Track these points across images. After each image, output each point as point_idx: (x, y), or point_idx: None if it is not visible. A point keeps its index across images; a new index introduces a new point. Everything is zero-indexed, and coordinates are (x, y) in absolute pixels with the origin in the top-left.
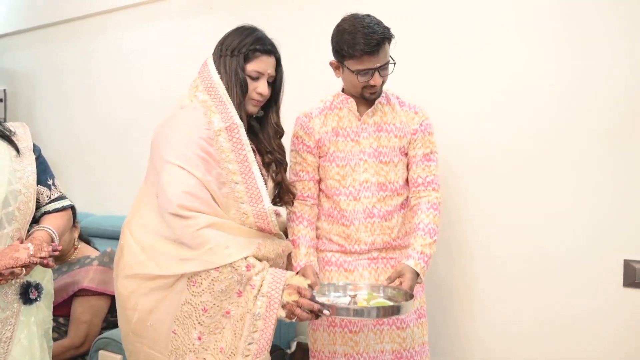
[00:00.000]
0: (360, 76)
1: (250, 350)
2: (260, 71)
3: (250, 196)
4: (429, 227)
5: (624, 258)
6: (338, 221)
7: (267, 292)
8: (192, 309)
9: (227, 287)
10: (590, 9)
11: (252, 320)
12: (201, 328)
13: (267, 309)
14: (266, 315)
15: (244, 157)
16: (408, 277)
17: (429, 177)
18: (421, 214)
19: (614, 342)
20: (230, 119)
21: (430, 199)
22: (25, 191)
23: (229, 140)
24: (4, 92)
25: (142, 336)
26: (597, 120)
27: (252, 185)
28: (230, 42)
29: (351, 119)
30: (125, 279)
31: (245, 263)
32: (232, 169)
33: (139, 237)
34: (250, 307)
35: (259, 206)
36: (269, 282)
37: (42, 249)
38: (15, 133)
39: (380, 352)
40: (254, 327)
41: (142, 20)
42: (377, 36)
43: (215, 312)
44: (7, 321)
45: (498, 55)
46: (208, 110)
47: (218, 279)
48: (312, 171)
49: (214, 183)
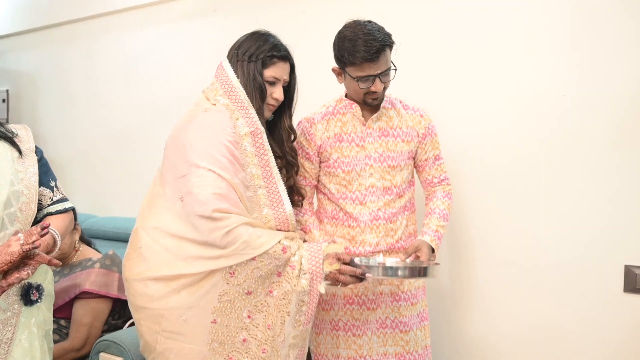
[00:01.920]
0: (361, 83)
1: (300, 321)
2: (277, 77)
3: (271, 200)
4: (444, 212)
5: (625, 263)
6: (343, 223)
7: (308, 269)
8: (235, 295)
9: (267, 272)
10: (600, 17)
11: (299, 297)
12: (249, 307)
13: (311, 284)
14: (311, 290)
15: (267, 162)
16: (425, 252)
17: (442, 175)
18: (437, 201)
19: (615, 347)
20: (254, 124)
21: (446, 189)
22: (27, 192)
23: (252, 144)
24: (6, 92)
25: (177, 332)
26: (601, 127)
27: (273, 189)
28: (247, 48)
29: (355, 124)
30: (149, 281)
31: (280, 247)
32: (256, 173)
33: (157, 238)
34: (294, 285)
35: (280, 210)
36: (307, 258)
37: (32, 233)
38: (17, 134)
39: (383, 355)
40: (301, 302)
41: (146, 22)
42: (377, 43)
43: (259, 292)
44: (8, 322)
45: (505, 61)
46: (233, 114)
47: (257, 267)
48: (309, 177)
49: (240, 186)
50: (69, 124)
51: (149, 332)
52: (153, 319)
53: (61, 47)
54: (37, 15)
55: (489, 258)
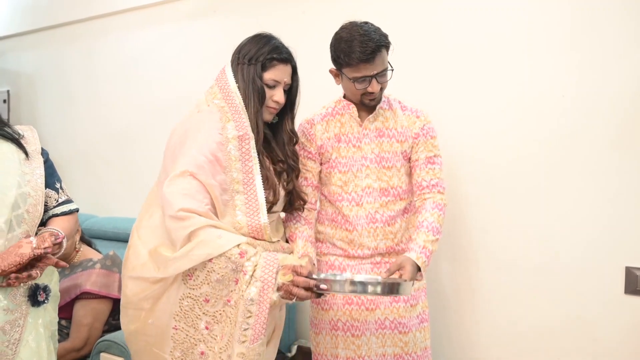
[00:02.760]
0: (357, 84)
1: (247, 335)
2: (277, 80)
3: (248, 207)
4: (433, 225)
5: (626, 265)
6: (341, 226)
7: (260, 277)
8: (193, 301)
9: (224, 276)
10: (600, 17)
11: (245, 306)
12: (207, 318)
13: (261, 293)
14: (260, 300)
15: (250, 169)
16: (408, 270)
17: (433, 180)
18: (425, 213)
19: (616, 349)
20: (243, 129)
21: (436, 199)
22: (34, 194)
23: (238, 149)
24: (7, 93)
25: (146, 334)
26: (601, 128)
27: (252, 197)
28: (248, 51)
29: (352, 124)
30: (130, 280)
31: (238, 250)
32: (236, 178)
33: (146, 239)
34: (243, 292)
35: (255, 219)
36: (262, 266)
37: (45, 240)
38: (23, 136)
39: (382, 356)
40: (248, 312)
41: (146, 23)
42: (372, 44)
43: (216, 301)
44: (16, 323)
45: (504, 62)
46: (224, 116)
47: (213, 270)
48: (311, 177)
49: (217, 188)
50: (69, 124)
51: (127, 330)
52: (130, 318)
53: (61, 48)
54: (37, 15)
55: (489, 259)
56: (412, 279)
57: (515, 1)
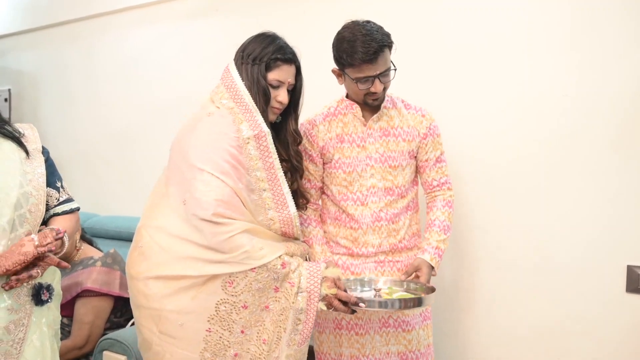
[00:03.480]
0: (360, 84)
1: (295, 340)
2: (281, 80)
3: (276, 202)
4: (444, 224)
5: (627, 264)
6: (346, 225)
7: (306, 288)
8: (231, 307)
9: (265, 285)
10: (600, 17)
11: (295, 315)
12: (243, 322)
13: (308, 303)
14: (308, 309)
15: (271, 165)
16: (425, 272)
17: (442, 178)
18: (437, 211)
19: (617, 347)
20: (257, 127)
21: (446, 196)
22: (35, 193)
23: (257, 148)
24: (8, 91)
25: (173, 336)
26: (601, 128)
27: (278, 191)
28: (252, 50)
29: (356, 124)
30: (150, 280)
31: (280, 262)
32: (260, 177)
33: (159, 239)
34: (292, 302)
35: (284, 212)
36: (306, 277)
37: (46, 236)
38: (24, 135)
39: (386, 354)
40: (297, 320)
41: (147, 22)
42: (375, 44)
43: (255, 307)
44: (20, 322)
45: (504, 62)
46: (236, 118)
47: (255, 279)
48: (313, 179)
49: (244, 191)
50: (70, 123)
51: (146, 331)
52: (151, 319)
53: (62, 46)
54: (37, 14)
55: (490, 259)
56: (428, 280)
57: (515, 1)
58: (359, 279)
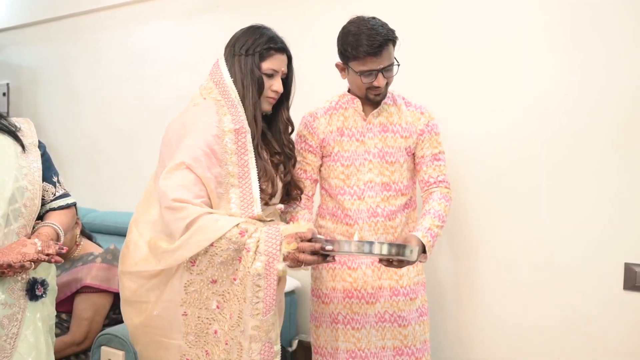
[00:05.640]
0: (363, 77)
1: (259, 309)
2: (275, 69)
3: (243, 201)
4: (439, 213)
5: (625, 261)
6: (342, 220)
7: (264, 250)
8: (200, 285)
9: (227, 258)
10: (600, 17)
11: (253, 281)
12: (217, 298)
13: (267, 267)
14: (266, 273)
15: (245, 162)
16: (414, 244)
17: (440, 177)
18: (432, 202)
19: (615, 345)
20: (240, 122)
21: (443, 191)
22: (31, 188)
23: (234, 142)
24: (7, 86)
25: (152, 326)
26: (602, 127)
27: (247, 191)
28: (244, 42)
29: (356, 119)
30: (130, 275)
31: (238, 230)
32: (232, 172)
33: (145, 234)
34: (249, 268)
35: (249, 212)
36: (264, 240)
37: (50, 246)
38: (20, 129)
39: (381, 349)
40: (256, 287)
41: (151, 16)
42: (380, 37)
43: (223, 280)
44: (14, 317)
45: (505, 61)
46: (220, 109)
47: (216, 253)
48: (310, 170)
49: (212, 181)
50: (70, 118)
51: (132, 325)
52: (134, 313)
53: (63, 41)
54: (39, 8)
55: (490, 257)
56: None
57: (516, 1)
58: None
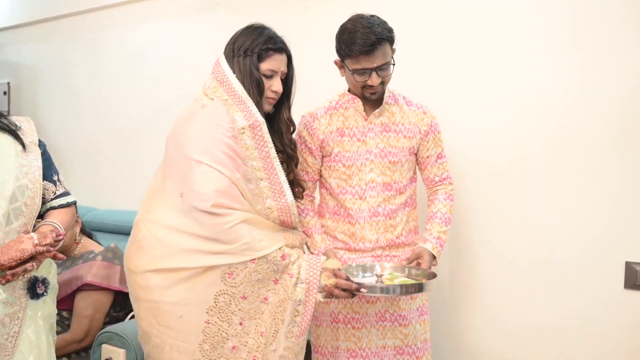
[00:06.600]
0: (357, 75)
1: (293, 332)
2: (274, 69)
3: (273, 191)
4: (446, 216)
5: (626, 260)
6: (344, 219)
7: (305, 279)
8: (230, 298)
9: (264, 277)
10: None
11: (293, 306)
12: (242, 314)
13: (307, 294)
14: (306, 300)
15: (267, 154)
16: (426, 259)
17: (444, 174)
18: (438, 204)
19: (615, 344)
20: (252, 117)
21: (447, 190)
22: (31, 186)
23: (252, 138)
24: (7, 84)
25: (172, 328)
26: (602, 127)
27: (275, 180)
28: (243, 42)
29: (357, 119)
30: (148, 273)
31: (280, 253)
32: (257, 166)
33: (155, 232)
34: (291, 293)
35: (282, 200)
36: (306, 268)
37: (46, 236)
38: (20, 127)
39: (382, 348)
40: (295, 312)
41: (150, 15)
42: (374, 36)
43: (254, 299)
44: (15, 316)
45: (505, 61)
46: (230, 109)
47: (255, 270)
48: (311, 172)
49: (242, 181)
50: (70, 116)
51: (145, 324)
52: (150, 312)
53: (63, 40)
54: (39, 7)
55: (490, 256)
56: (429, 267)
57: (516, 1)
58: (360, 265)
